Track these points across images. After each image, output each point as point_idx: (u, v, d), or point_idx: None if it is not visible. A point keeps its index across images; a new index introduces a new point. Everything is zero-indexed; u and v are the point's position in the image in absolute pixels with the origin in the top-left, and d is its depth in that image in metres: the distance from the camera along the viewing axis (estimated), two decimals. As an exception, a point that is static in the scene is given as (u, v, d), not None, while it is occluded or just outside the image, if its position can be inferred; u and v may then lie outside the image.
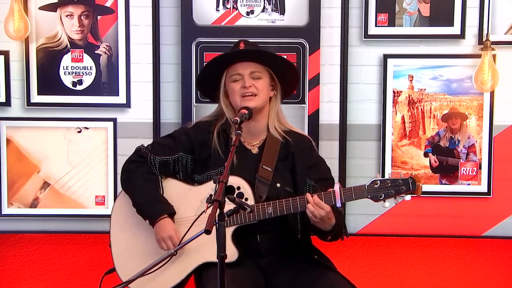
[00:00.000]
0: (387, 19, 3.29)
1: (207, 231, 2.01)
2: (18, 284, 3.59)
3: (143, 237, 2.69)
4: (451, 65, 3.30)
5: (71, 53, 3.34)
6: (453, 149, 3.33)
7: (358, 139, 3.34)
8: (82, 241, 3.56)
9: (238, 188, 2.60)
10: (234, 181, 2.59)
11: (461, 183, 3.33)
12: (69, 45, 3.34)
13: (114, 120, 3.36)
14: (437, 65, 3.30)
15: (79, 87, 3.36)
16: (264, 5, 3.31)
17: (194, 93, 3.29)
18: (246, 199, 2.58)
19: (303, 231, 2.68)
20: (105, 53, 3.35)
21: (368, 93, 3.33)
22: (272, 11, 3.31)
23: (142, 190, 2.67)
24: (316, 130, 3.29)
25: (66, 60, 3.35)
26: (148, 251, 2.66)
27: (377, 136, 3.34)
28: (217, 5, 3.31)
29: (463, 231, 3.35)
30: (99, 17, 3.33)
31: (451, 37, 3.28)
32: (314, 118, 3.30)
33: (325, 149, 3.27)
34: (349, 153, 3.33)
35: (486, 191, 3.32)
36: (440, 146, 3.34)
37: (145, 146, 2.77)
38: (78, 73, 3.35)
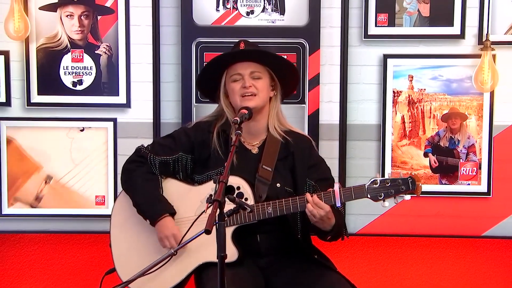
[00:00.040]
0: (387, 19, 3.29)
1: (207, 231, 2.01)
2: (18, 284, 3.59)
3: (143, 237, 2.69)
4: (451, 65, 3.30)
5: (71, 53, 3.34)
6: (453, 149, 3.33)
7: (358, 139, 3.34)
8: (82, 241, 3.56)
9: (238, 188, 2.60)
10: (234, 181, 2.59)
11: (461, 183, 3.33)
12: (69, 45, 3.34)
13: (114, 120, 3.36)
14: (437, 65, 3.30)
15: (79, 87, 3.36)
16: (264, 5, 3.30)
17: (194, 93, 3.29)
18: (246, 199, 2.58)
19: (303, 231, 2.68)
20: (105, 53, 3.35)
21: (368, 93, 3.33)
22: (272, 11, 3.31)
23: (142, 190, 2.68)
24: (316, 130, 3.29)
25: (66, 60, 3.35)
26: (149, 251, 2.67)
27: (377, 136, 3.34)
28: (217, 5, 3.31)
29: (463, 231, 3.35)
30: (99, 17, 3.33)
31: (451, 37, 3.28)
32: (314, 118, 3.30)
33: (325, 149, 3.27)
34: (349, 153, 3.33)
35: (486, 191, 3.31)
36: (440, 146, 3.34)
37: (145, 146, 2.77)
38: (78, 73, 3.35)
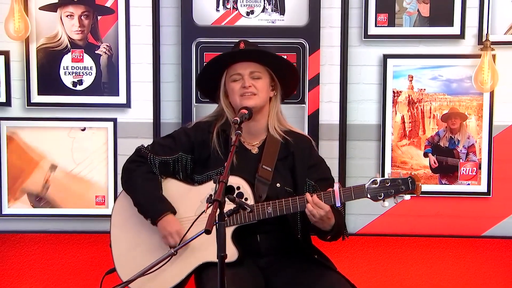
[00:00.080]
0: (387, 19, 3.29)
1: (207, 231, 2.01)
2: (18, 284, 3.59)
3: (143, 237, 2.69)
4: (451, 65, 3.30)
5: (71, 53, 3.34)
6: (452, 149, 3.33)
7: (358, 139, 3.34)
8: (82, 241, 3.56)
9: (238, 188, 2.60)
10: (234, 181, 2.59)
11: (461, 183, 3.33)
12: (69, 45, 3.34)
13: (114, 120, 3.36)
14: (437, 65, 3.30)
15: (79, 87, 3.36)
16: (264, 5, 3.31)
17: (194, 93, 3.29)
18: (246, 199, 2.58)
19: (303, 231, 2.68)
20: (105, 53, 3.35)
21: (368, 93, 3.33)
22: (272, 11, 3.31)
23: (142, 189, 2.68)
24: (316, 130, 3.29)
25: (66, 60, 3.35)
26: (149, 251, 2.67)
27: (377, 136, 3.34)
28: (217, 5, 3.31)
29: (463, 231, 3.35)
30: (99, 17, 3.34)
31: (451, 37, 3.28)
32: (314, 118, 3.30)
33: (325, 149, 3.27)
34: (349, 153, 3.33)
35: (486, 191, 3.31)
36: (440, 146, 3.34)
37: (145, 146, 2.77)
38: (78, 73, 3.35)
